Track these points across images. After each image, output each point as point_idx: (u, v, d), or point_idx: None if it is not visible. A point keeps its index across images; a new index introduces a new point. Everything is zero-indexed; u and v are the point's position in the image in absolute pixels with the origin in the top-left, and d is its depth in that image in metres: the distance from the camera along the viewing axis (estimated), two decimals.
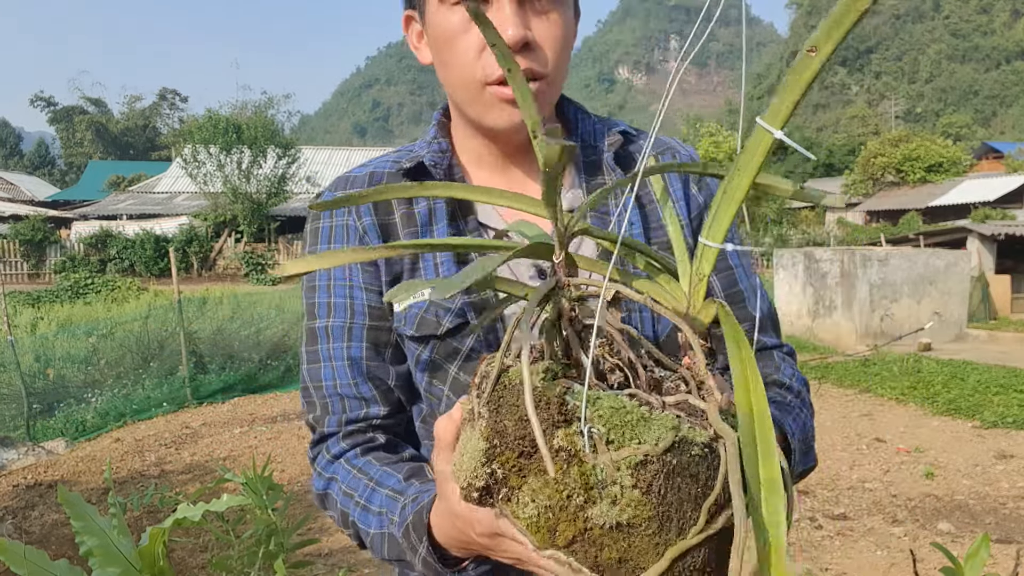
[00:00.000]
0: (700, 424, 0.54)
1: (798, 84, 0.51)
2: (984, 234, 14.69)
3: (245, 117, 28.45)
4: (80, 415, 6.86)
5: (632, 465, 0.51)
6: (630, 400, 0.54)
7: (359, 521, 0.85)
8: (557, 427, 0.52)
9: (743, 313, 0.97)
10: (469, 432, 0.59)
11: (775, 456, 0.49)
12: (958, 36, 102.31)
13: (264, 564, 2.42)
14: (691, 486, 0.52)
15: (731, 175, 0.57)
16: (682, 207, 0.95)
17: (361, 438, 0.92)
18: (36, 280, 24.26)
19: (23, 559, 1.19)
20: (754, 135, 0.54)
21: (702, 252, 0.60)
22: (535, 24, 0.84)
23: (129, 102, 76.39)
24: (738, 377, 0.52)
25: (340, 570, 3.65)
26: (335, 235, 0.94)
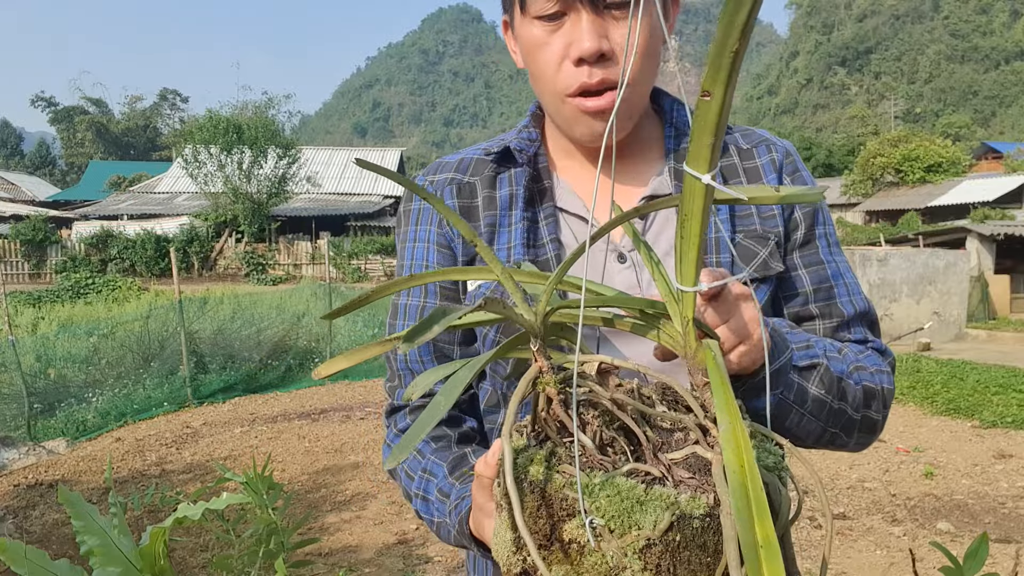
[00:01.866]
0: (704, 485, 0.54)
1: (706, 127, 0.52)
2: (983, 234, 14.69)
3: (246, 117, 28.44)
4: (81, 415, 6.86)
5: (638, 550, 0.51)
6: (627, 479, 0.54)
7: (421, 511, 0.93)
8: (564, 521, 0.54)
9: (833, 309, 0.96)
10: (498, 519, 0.61)
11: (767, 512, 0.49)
12: (957, 36, 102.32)
13: (264, 563, 2.42)
14: (700, 555, 0.52)
15: (681, 222, 0.58)
16: (777, 208, 0.95)
17: None
18: (37, 280, 24.26)
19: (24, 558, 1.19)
20: (686, 183, 0.56)
21: (681, 297, 0.61)
22: (614, 33, 0.84)
23: (130, 102, 76.44)
24: (726, 434, 0.52)
25: (340, 570, 3.65)
26: (422, 217, 1.00)
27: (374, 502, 4.71)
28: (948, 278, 10.96)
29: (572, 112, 0.88)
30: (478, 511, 0.73)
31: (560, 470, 0.55)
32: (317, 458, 5.72)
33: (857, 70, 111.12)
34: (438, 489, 0.90)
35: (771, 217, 0.94)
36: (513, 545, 0.58)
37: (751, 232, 0.93)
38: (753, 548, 0.48)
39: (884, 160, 34.36)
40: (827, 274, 0.97)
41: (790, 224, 0.96)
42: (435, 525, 0.91)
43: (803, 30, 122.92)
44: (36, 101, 72.74)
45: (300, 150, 29.16)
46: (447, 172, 1.00)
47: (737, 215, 0.94)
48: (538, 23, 0.85)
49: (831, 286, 0.96)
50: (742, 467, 0.50)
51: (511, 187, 0.96)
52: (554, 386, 0.60)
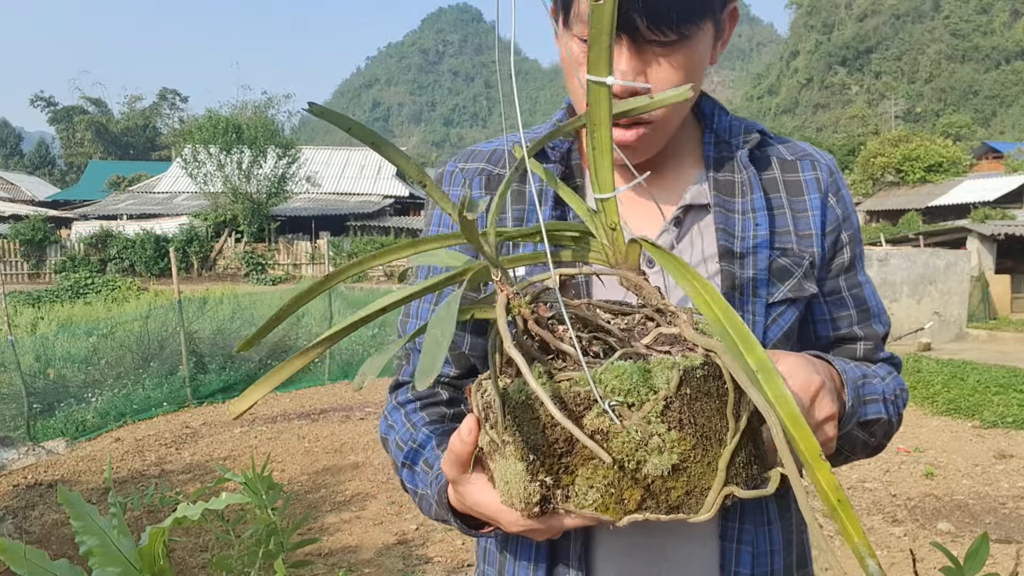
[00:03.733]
0: (687, 348, 0.60)
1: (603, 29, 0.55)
2: (984, 234, 14.69)
3: (245, 117, 28.44)
4: (80, 415, 6.86)
5: (659, 413, 0.56)
6: (625, 362, 0.57)
7: (407, 481, 0.92)
8: (581, 416, 0.56)
9: (870, 331, 0.98)
10: (501, 462, 0.62)
11: (755, 343, 0.55)
12: (958, 36, 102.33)
13: (264, 564, 2.42)
14: (710, 402, 0.57)
15: (590, 132, 0.61)
16: (817, 217, 0.93)
17: (427, 392, 0.98)
18: (36, 280, 24.26)
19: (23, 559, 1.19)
20: (591, 92, 0.59)
21: (602, 205, 0.66)
22: (653, 68, 0.82)
23: (129, 102, 76.43)
24: (692, 292, 0.58)
25: (340, 570, 3.65)
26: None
27: (374, 502, 4.70)
28: (948, 278, 10.96)
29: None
30: (454, 484, 0.72)
31: (560, 379, 0.58)
32: (317, 458, 5.72)
33: (857, 70, 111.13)
34: (424, 460, 0.89)
35: (807, 237, 0.92)
36: (527, 474, 0.59)
37: (788, 251, 0.91)
38: (751, 373, 0.54)
39: (884, 160, 34.37)
40: (864, 295, 0.98)
41: (835, 247, 0.95)
42: (418, 497, 0.90)
43: (803, 30, 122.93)
44: (35, 101, 72.74)
45: (300, 150, 29.15)
46: (479, 162, 0.99)
47: (776, 231, 0.92)
48: (576, 41, 0.84)
49: (867, 308, 0.98)
50: (717, 316, 0.57)
51: (542, 181, 0.94)
52: (526, 307, 0.62)
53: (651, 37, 0.79)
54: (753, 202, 0.91)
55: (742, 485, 0.59)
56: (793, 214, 0.92)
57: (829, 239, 0.94)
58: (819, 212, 0.93)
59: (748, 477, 0.59)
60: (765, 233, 0.90)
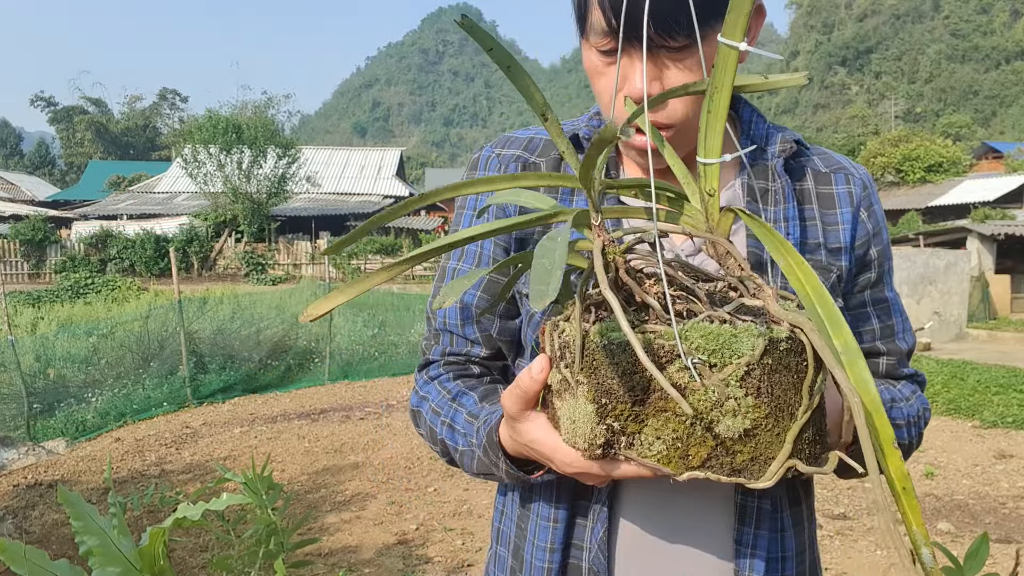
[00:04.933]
0: (771, 322, 0.60)
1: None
2: (984, 234, 14.69)
3: (245, 117, 28.43)
4: (80, 415, 6.85)
5: (739, 378, 0.56)
6: (711, 323, 0.58)
7: (447, 439, 0.92)
8: (662, 368, 0.57)
9: (894, 346, 0.99)
10: (570, 401, 0.63)
11: (844, 325, 0.57)
12: (958, 36, 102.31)
13: (264, 564, 2.42)
14: (788, 376, 0.58)
15: (709, 95, 0.62)
16: (847, 231, 0.93)
17: (458, 368, 1.00)
18: (36, 280, 24.25)
19: (23, 559, 1.19)
20: (720, 55, 0.59)
21: (704, 170, 0.66)
22: (670, 72, 0.82)
23: (129, 102, 76.42)
24: (785, 266, 0.60)
25: (340, 570, 3.65)
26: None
27: (374, 502, 4.70)
28: (948, 278, 10.96)
29: (622, 143, 0.90)
30: (512, 420, 0.73)
31: (643, 329, 0.58)
32: (317, 458, 5.72)
33: (857, 70, 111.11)
34: (468, 413, 0.90)
35: (837, 251, 0.92)
36: (596, 416, 0.60)
37: (816, 263, 0.91)
38: (836, 354, 0.55)
39: (884, 160, 34.36)
40: (890, 312, 0.99)
41: (864, 260, 0.95)
42: (459, 454, 0.91)
43: (803, 30, 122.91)
44: (35, 101, 72.73)
45: (300, 150, 29.14)
46: (515, 148, 0.99)
47: (807, 242, 0.92)
48: (596, 53, 0.85)
49: (893, 323, 0.99)
50: (809, 293, 0.58)
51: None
52: (620, 255, 0.64)
53: (661, 43, 0.79)
54: (786, 211, 0.90)
55: (804, 460, 0.59)
56: (824, 227, 0.93)
57: (858, 253, 0.94)
58: (850, 226, 0.93)
59: (811, 455, 0.61)
60: (795, 243, 0.90)
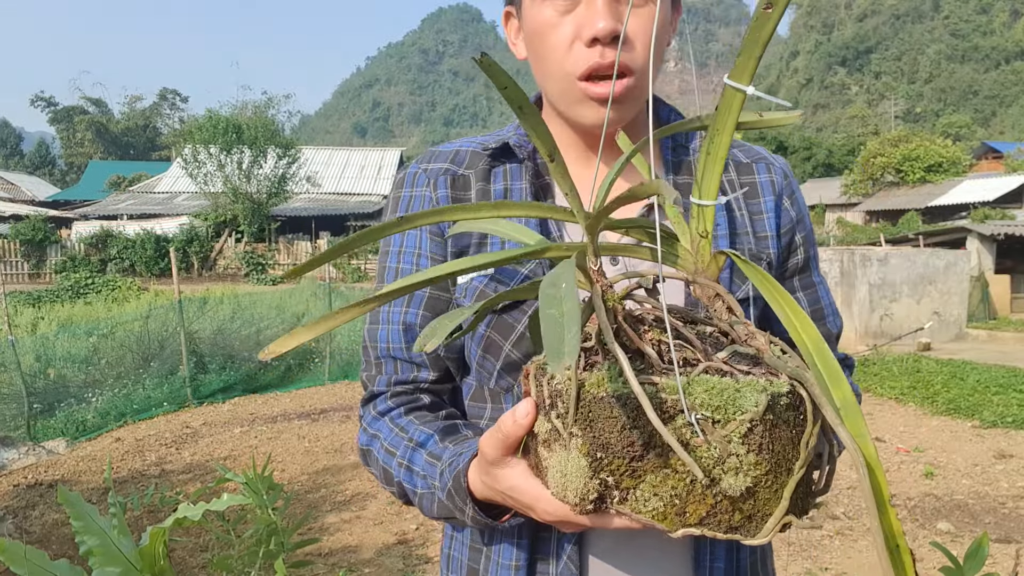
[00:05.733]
0: (769, 372, 0.59)
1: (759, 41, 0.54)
2: (984, 234, 14.69)
3: (245, 117, 28.42)
4: (80, 415, 6.85)
5: (742, 435, 0.55)
6: (712, 376, 0.57)
7: (405, 482, 0.89)
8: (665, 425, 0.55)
9: (823, 330, 1.00)
10: (561, 453, 0.61)
11: (843, 379, 0.56)
12: (958, 36, 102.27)
13: (264, 564, 2.42)
14: (787, 430, 0.57)
15: (710, 136, 0.60)
16: (772, 219, 0.96)
17: (407, 398, 0.96)
18: (36, 280, 24.25)
19: (23, 559, 1.19)
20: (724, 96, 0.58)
21: (698, 212, 0.64)
22: (630, 18, 0.83)
23: (129, 102, 76.44)
24: (784, 316, 0.58)
25: (340, 570, 3.65)
26: (413, 204, 0.98)
27: (374, 502, 4.71)
28: (948, 278, 10.96)
29: (579, 95, 0.86)
30: (489, 465, 0.70)
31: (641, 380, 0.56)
32: (317, 458, 5.72)
33: (857, 70, 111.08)
34: (428, 454, 0.86)
35: (764, 238, 0.95)
36: (590, 470, 0.58)
37: (747, 251, 0.93)
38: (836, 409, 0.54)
39: (884, 160, 34.36)
40: (818, 295, 1.01)
41: (790, 248, 0.98)
42: (418, 497, 0.87)
43: (803, 30, 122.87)
44: (36, 101, 72.72)
45: (300, 150, 29.13)
46: (442, 162, 0.98)
47: (736, 232, 0.94)
48: (550, 4, 0.84)
49: (821, 307, 1.01)
50: (808, 345, 0.57)
51: (506, 182, 0.94)
52: (618, 302, 0.62)
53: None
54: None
55: (797, 513, 0.59)
56: (750, 216, 0.95)
57: (784, 240, 0.97)
58: (774, 214, 0.96)
59: (802, 507, 0.60)
60: (725, 233, 0.92)
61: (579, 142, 0.95)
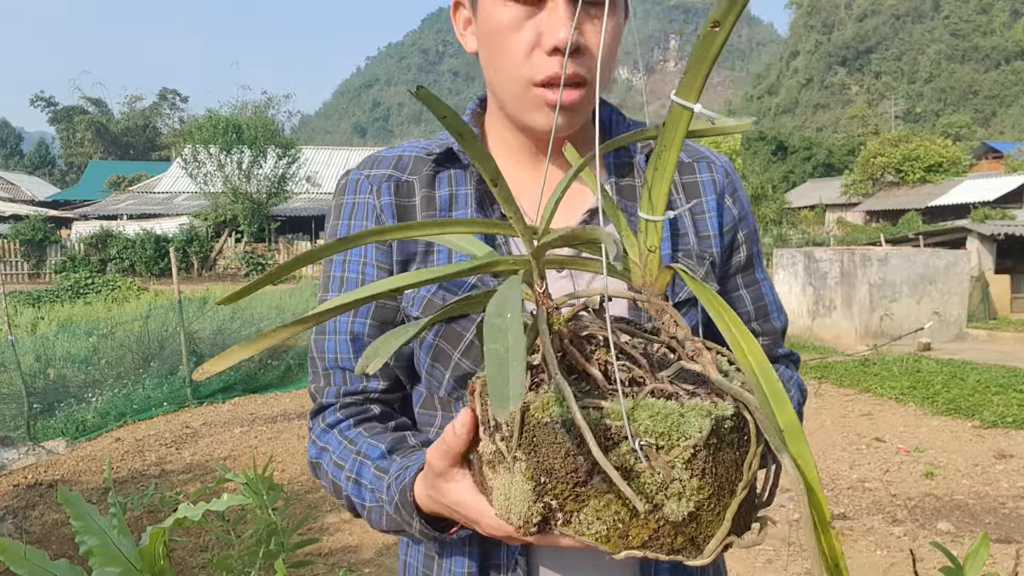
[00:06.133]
0: (714, 393, 0.58)
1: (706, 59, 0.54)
2: (984, 234, 14.69)
3: (245, 117, 28.41)
4: (80, 415, 6.86)
5: (685, 460, 0.55)
6: (656, 399, 0.56)
7: (353, 495, 0.88)
8: (608, 451, 0.55)
9: (768, 326, 1.01)
10: (505, 475, 0.60)
11: (787, 403, 0.55)
12: (958, 36, 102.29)
13: (264, 564, 2.42)
14: (731, 453, 0.57)
15: (657, 152, 0.60)
16: (714, 218, 0.95)
17: (356, 409, 0.94)
18: (36, 280, 24.25)
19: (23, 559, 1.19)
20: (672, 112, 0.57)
21: (645, 226, 0.64)
22: (588, 29, 0.83)
23: (129, 102, 76.44)
24: (729, 336, 0.58)
25: (340, 570, 3.65)
26: (356, 212, 0.95)
27: None
28: (948, 278, 10.96)
29: (534, 101, 0.85)
30: (435, 477, 0.70)
31: (585, 405, 0.56)
32: None
33: (857, 70, 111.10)
34: (375, 467, 0.85)
35: (707, 238, 0.95)
36: (533, 494, 0.57)
37: (688, 251, 0.93)
38: (779, 433, 0.54)
39: (884, 160, 34.37)
40: (762, 292, 1.01)
41: (732, 246, 0.98)
42: (366, 510, 0.86)
43: (803, 30, 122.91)
44: (36, 101, 72.74)
45: (300, 150, 29.14)
46: (384, 168, 0.96)
47: (677, 233, 0.93)
48: (512, 5, 0.82)
49: (765, 304, 1.01)
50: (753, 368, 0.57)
51: (451, 187, 0.93)
52: (564, 325, 0.61)
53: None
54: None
55: (739, 532, 0.59)
56: (692, 215, 0.95)
57: (727, 238, 0.97)
58: (716, 213, 0.96)
59: (744, 525, 0.60)
60: (667, 235, 0.91)
61: (527, 144, 0.94)
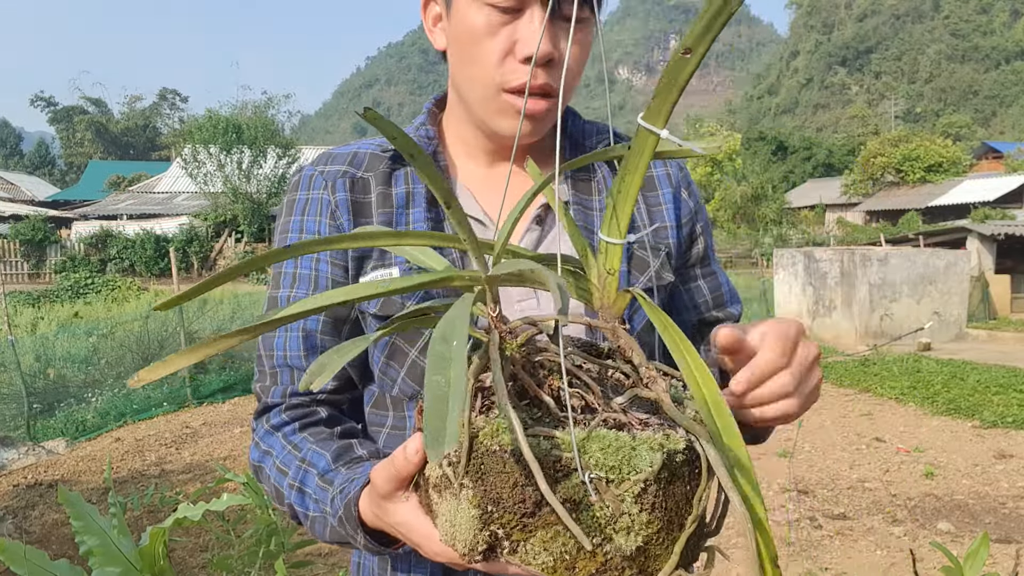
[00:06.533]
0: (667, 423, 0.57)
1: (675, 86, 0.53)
2: (984, 234, 14.69)
3: (245, 117, 28.44)
4: (80, 415, 6.86)
5: (635, 495, 0.53)
6: (608, 430, 0.55)
7: (296, 504, 0.85)
8: (557, 482, 0.53)
9: (726, 313, 1.04)
10: (451, 501, 0.58)
11: (738, 436, 0.55)
12: (958, 36, 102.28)
13: (264, 564, 2.42)
14: (681, 486, 0.56)
15: (621, 175, 0.59)
16: (671, 211, 0.98)
17: (302, 411, 0.91)
18: (36, 280, 24.25)
19: (23, 559, 1.19)
20: (638, 136, 0.56)
21: (606, 248, 0.63)
22: (562, 41, 0.84)
23: (129, 102, 76.48)
24: (683, 366, 0.57)
25: (340, 570, 3.65)
26: (309, 208, 0.93)
27: None
28: (948, 278, 10.96)
29: (503, 107, 0.86)
30: (380, 498, 0.67)
31: (536, 433, 0.54)
32: None
33: (857, 70, 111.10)
34: (320, 477, 0.82)
35: (663, 229, 0.97)
36: (480, 522, 0.55)
37: (643, 243, 0.94)
38: (729, 469, 0.53)
39: (884, 160, 34.39)
40: (718, 282, 1.04)
41: (691, 237, 1.01)
42: (309, 520, 0.84)
43: (803, 30, 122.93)
44: (35, 101, 72.76)
45: (300, 150, 29.17)
46: (339, 164, 0.94)
47: (634, 224, 0.94)
48: (488, 10, 0.82)
49: (721, 293, 1.04)
50: (706, 399, 0.56)
51: (407, 185, 0.92)
52: (517, 350, 0.59)
53: (568, 12, 0.81)
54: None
55: (687, 564, 0.58)
56: (648, 208, 0.97)
57: (685, 230, 0.99)
58: (673, 205, 0.98)
59: (691, 557, 0.59)
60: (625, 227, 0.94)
61: (487, 146, 0.95)
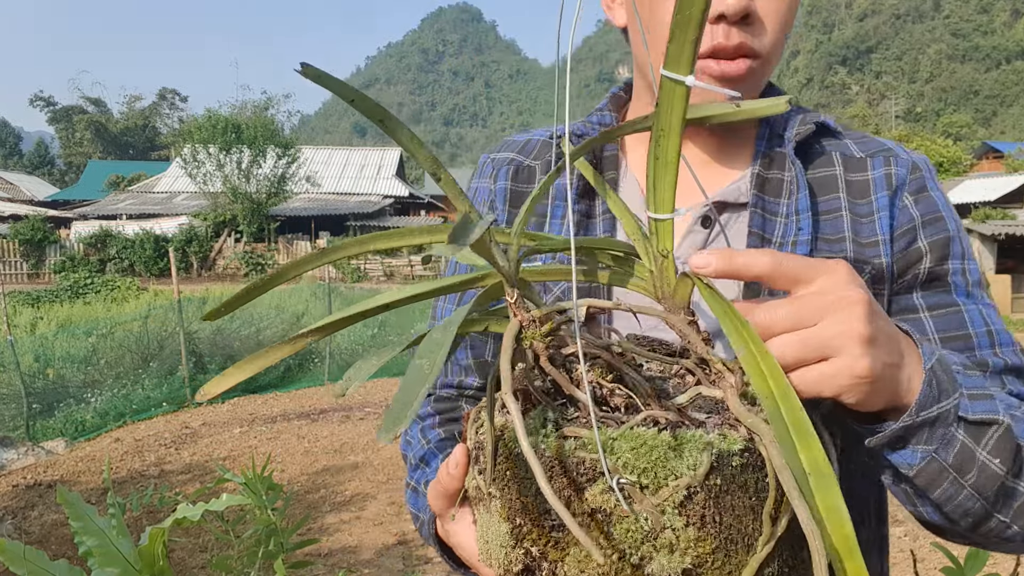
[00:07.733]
0: (727, 423, 0.49)
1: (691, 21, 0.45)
2: (984, 234, 14.70)
3: (245, 117, 28.46)
4: (80, 415, 6.85)
5: (677, 504, 0.45)
6: (648, 429, 0.47)
7: (409, 502, 0.86)
8: (583, 489, 0.46)
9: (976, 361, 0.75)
10: (484, 515, 0.53)
11: (813, 436, 0.44)
12: (958, 36, 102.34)
13: (264, 564, 2.42)
14: (743, 498, 0.46)
15: (655, 139, 0.50)
16: (884, 219, 0.78)
17: (448, 404, 0.92)
18: (36, 280, 24.25)
19: (22, 559, 1.19)
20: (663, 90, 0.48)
21: (656, 227, 0.54)
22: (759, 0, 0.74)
23: (129, 102, 76.45)
24: (747, 361, 0.47)
25: (340, 570, 3.65)
26: (477, 197, 0.94)
27: (373, 502, 4.70)
28: None
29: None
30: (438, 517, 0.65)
31: (564, 433, 0.48)
32: (316, 458, 5.71)
33: (858, 69, 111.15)
34: (426, 481, 0.81)
35: (872, 244, 0.77)
36: (511, 538, 0.49)
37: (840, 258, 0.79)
38: (801, 476, 0.43)
39: None
40: (964, 320, 0.77)
41: (907, 254, 0.78)
42: (418, 522, 0.81)
43: (804, 29, 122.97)
44: (35, 101, 72.78)
45: (299, 150, 29.17)
46: (510, 151, 0.93)
47: (822, 237, 0.78)
48: None
49: (969, 335, 0.76)
50: (772, 392, 0.46)
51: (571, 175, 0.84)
52: (540, 340, 0.52)
53: None
54: (798, 203, 0.78)
55: None
56: (854, 218, 0.78)
57: (899, 244, 0.78)
58: (887, 212, 0.78)
59: None
60: (807, 238, 0.76)
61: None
